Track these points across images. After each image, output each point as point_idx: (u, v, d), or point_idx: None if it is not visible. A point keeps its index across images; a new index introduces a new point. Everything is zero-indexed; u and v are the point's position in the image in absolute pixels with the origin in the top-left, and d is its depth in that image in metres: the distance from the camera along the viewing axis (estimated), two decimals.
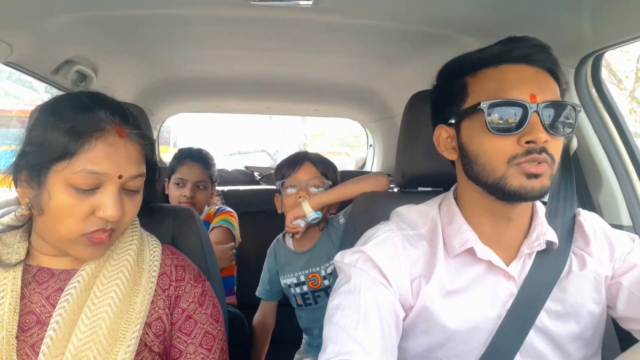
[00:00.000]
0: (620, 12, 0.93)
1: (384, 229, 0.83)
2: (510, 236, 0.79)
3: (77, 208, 0.71)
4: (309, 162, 1.40)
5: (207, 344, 0.84)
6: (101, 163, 0.72)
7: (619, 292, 0.78)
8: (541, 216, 0.79)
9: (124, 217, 0.76)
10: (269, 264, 1.56)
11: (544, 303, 0.76)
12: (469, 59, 0.77)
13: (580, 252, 0.81)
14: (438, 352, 0.77)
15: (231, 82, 2.18)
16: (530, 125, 0.69)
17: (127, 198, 0.77)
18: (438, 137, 0.83)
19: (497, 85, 0.73)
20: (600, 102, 1.17)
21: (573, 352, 0.77)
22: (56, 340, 0.71)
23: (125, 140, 0.75)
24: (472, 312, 0.76)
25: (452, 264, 0.78)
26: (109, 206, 0.72)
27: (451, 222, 0.81)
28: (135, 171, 0.76)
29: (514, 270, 0.78)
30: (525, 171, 0.70)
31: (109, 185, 0.73)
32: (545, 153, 0.70)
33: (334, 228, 1.42)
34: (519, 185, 0.70)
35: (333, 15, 1.26)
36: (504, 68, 0.74)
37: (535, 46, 0.73)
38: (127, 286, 0.78)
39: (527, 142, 0.69)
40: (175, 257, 0.89)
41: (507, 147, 0.71)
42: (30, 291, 0.76)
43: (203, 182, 1.78)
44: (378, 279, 0.75)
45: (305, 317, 1.49)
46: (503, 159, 0.71)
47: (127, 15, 1.29)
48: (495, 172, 0.72)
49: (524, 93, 0.71)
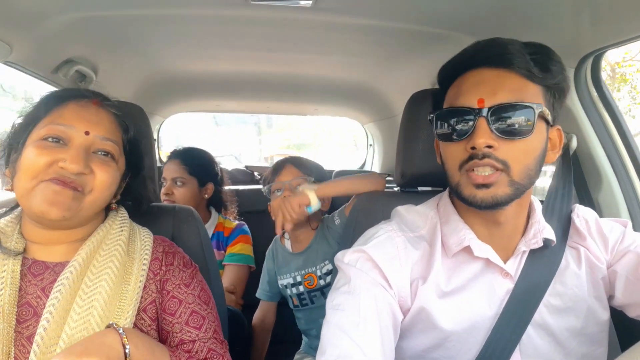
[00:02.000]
0: (619, 12, 0.93)
1: (386, 228, 0.83)
2: (503, 237, 0.78)
3: (41, 157, 0.74)
4: (290, 164, 1.46)
5: (195, 323, 0.83)
6: (69, 118, 0.77)
7: (615, 280, 0.78)
8: (538, 214, 0.79)
9: (92, 179, 0.77)
10: (267, 265, 1.57)
11: (541, 300, 0.75)
12: (451, 66, 0.79)
13: (577, 247, 0.81)
14: (435, 352, 0.77)
15: (231, 82, 2.18)
16: (474, 131, 0.69)
17: (96, 160, 0.78)
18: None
19: (455, 92, 0.75)
20: (600, 102, 1.17)
21: (574, 348, 0.77)
22: (49, 330, 0.71)
23: (99, 107, 0.82)
24: (469, 312, 0.76)
25: (449, 263, 0.78)
26: (70, 156, 0.74)
27: (448, 222, 0.81)
28: (105, 132, 0.80)
29: (511, 267, 0.77)
30: (473, 181, 0.70)
31: (76, 141, 0.77)
32: (490, 158, 0.68)
33: (329, 229, 1.43)
34: (469, 194, 0.71)
35: (333, 15, 1.26)
36: (467, 74, 0.75)
37: (499, 47, 0.72)
38: (118, 275, 0.79)
39: (472, 148, 0.69)
40: (166, 244, 0.91)
41: (457, 154, 0.72)
42: (26, 283, 0.77)
43: (180, 178, 1.74)
44: (378, 280, 0.75)
45: (303, 318, 1.50)
46: (455, 165, 0.73)
47: (127, 15, 1.29)
48: (452, 179, 0.75)
49: (472, 99, 0.71)
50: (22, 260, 0.79)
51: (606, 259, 0.80)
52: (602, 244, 0.81)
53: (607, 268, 0.79)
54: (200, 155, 1.88)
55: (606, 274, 0.79)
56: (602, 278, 0.79)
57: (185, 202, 1.71)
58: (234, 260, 1.74)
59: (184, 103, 2.70)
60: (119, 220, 0.86)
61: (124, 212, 0.90)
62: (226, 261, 1.75)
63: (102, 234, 0.82)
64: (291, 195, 1.32)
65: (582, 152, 1.19)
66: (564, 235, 0.81)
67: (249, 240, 1.82)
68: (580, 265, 0.79)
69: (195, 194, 1.78)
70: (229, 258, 1.75)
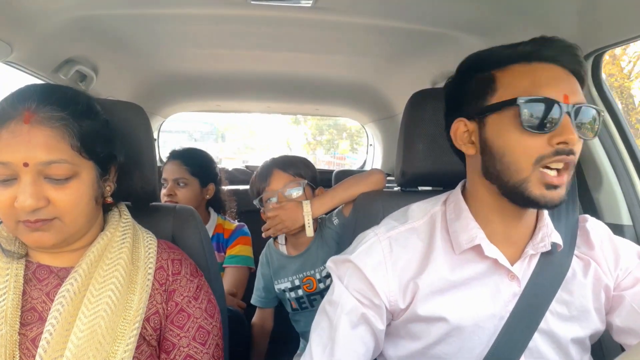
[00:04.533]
0: (620, 12, 0.93)
1: (371, 234, 0.83)
2: (519, 234, 0.78)
3: (1, 198, 0.70)
4: (277, 169, 1.37)
5: (201, 339, 0.84)
6: (3, 152, 0.69)
7: (620, 305, 0.78)
8: (546, 217, 0.79)
9: (54, 207, 0.72)
10: (262, 270, 1.53)
11: (549, 305, 0.75)
12: (498, 54, 0.75)
13: (585, 257, 0.81)
14: (436, 348, 0.77)
15: (231, 82, 2.18)
16: (562, 126, 0.68)
17: (51, 187, 0.71)
18: (455, 131, 0.80)
19: (530, 82, 0.71)
20: (600, 101, 1.17)
21: (574, 356, 0.77)
22: (55, 336, 0.71)
23: (31, 126, 0.70)
24: (473, 309, 0.76)
25: (455, 259, 0.78)
26: (21, 196, 0.69)
27: (458, 218, 0.80)
28: (45, 157, 0.70)
29: (518, 270, 0.77)
30: (546, 181, 0.69)
31: (22, 175, 0.70)
32: (574, 155, 0.69)
33: (329, 230, 1.40)
34: (539, 194, 0.69)
35: (333, 15, 1.26)
36: (536, 66, 0.72)
37: (566, 47, 0.72)
38: (124, 284, 0.78)
39: (559, 143, 0.68)
40: (172, 251, 0.89)
41: (536, 147, 0.69)
42: (31, 287, 0.77)
43: (182, 179, 1.71)
44: (363, 294, 0.77)
45: (303, 321, 1.47)
46: (530, 159, 0.69)
47: (127, 15, 1.29)
48: (519, 173, 0.70)
49: (558, 93, 0.69)
50: (26, 264, 0.78)
51: (614, 275, 0.79)
52: (612, 260, 0.80)
53: (613, 286, 0.79)
54: (200, 155, 1.86)
55: (611, 291, 0.79)
56: (606, 293, 0.79)
57: (188, 202, 1.70)
58: (233, 262, 1.74)
59: (184, 103, 2.70)
60: (121, 227, 0.85)
61: (127, 216, 0.88)
62: (226, 263, 1.74)
63: (104, 243, 0.80)
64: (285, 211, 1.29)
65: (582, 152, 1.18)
66: (571, 243, 0.81)
67: (248, 242, 1.81)
68: (587, 276, 0.79)
69: (198, 195, 1.77)
70: (229, 260, 1.75)
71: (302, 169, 1.39)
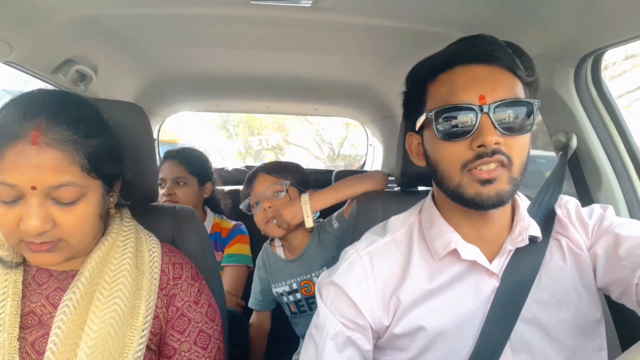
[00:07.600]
0: (620, 12, 0.93)
1: (352, 250, 0.83)
2: (492, 233, 0.78)
3: (5, 218, 0.68)
4: (261, 173, 1.40)
5: (202, 343, 0.83)
6: (9, 174, 0.66)
7: (596, 262, 0.77)
8: (523, 211, 0.78)
9: (59, 230, 0.70)
10: (259, 274, 1.53)
11: (527, 295, 0.75)
12: (427, 64, 0.77)
13: (560, 238, 0.80)
14: (424, 356, 0.76)
15: (231, 82, 2.18)
16: (479, 129, 0.68)
17: (58, 209, 0.69)
18: (410, 145, 0.84)
19: (448, 89, 0.72)
20: (600, 101, 1.17)
21: (568, 342, 0.75)
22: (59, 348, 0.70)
23: (39, 147, 0.66)
24: (455, 311, 0.75)
25: (435, 266, 0.78)
26: (27, 219, 0.67)
27: (432, 226, 0.80)
28: (54, 181, 0.67)
29: (496, 266, 0.77)
30: (477, 177, 0.69)
31: (28, 197, 0.67)
32: (499, 154, 0.68)
33: (328, 233, 1.39)
34: (474, 194, 0.70)
35: (333, 15, 1.26)
36: (456, 70, 0.72)
37: (488, 44, 0.71)
38: (131, 291, 0.77)
39: (479, 146, 0.68)
40: (173, 254, 0.89)
41: (459, 153, 0.70)
42: (30, 292, 0.76)
43: (182, 178, 1.72)
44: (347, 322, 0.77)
45: (302, 324, 1.47)
46: (456, 165, 0.71)
47: (126, 15, 1.29)
48: (452, 180, 0.72)
49: (472, 95, 0.69)
50: (25, 269, 0.78)
51: (586, 243, 0.79)
52: (582, 230, 0.80)
53: (587, 251, 0.78)
54: (197, 154, 1.86)
55: (589, 259, 0.78)
56: (587, 265, 0.78)
57: (188, 202, 1.70)
58: (231, 261, 1.73)
59: (184, 103, 2.70)
60: (123, 231, 0.83)
61: (129, 219, 0.87)
62: (224, 262, 1.74)
63: (105, 249, 0.79)
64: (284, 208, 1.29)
65: (582, 152, 1.19)
66: (547, 229, 0.80)
67: (246, 240, 1.80)
68: (565, 256, 0.78)
69: (197, 194, 1.77)
70: (227, 259, 1.74)
71: (288, 172, 1.40)
